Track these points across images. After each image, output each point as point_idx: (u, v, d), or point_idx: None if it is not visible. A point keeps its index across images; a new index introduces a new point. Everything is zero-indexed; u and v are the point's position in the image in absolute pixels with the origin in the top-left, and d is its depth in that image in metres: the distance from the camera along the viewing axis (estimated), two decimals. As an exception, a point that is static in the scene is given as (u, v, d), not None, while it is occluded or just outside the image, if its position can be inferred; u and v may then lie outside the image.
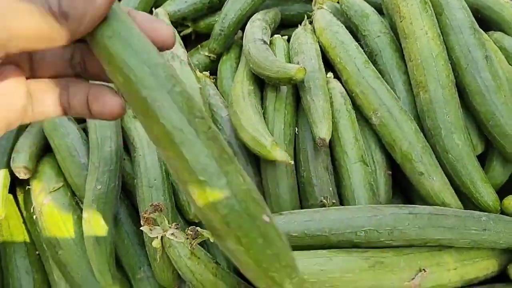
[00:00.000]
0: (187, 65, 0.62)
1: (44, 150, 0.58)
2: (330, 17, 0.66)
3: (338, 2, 0.71)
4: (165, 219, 0.43)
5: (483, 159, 0.56)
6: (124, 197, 0.55)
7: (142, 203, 0.50)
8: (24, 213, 0.57)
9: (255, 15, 0.71)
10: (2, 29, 0.22)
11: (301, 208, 0.52)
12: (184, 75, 0.60)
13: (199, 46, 0.76)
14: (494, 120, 0.52)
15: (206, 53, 0.73)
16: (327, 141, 0.50)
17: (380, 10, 0.68)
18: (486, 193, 0.50)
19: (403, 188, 0.58)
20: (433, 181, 0.50)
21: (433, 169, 0.51)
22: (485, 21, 0.70)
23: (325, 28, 0.64)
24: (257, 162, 0.55)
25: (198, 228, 0.41)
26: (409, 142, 0.51)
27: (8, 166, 0.55)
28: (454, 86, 0.54)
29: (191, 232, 0.41)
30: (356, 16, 0.65)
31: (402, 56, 0.60)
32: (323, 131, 0.50)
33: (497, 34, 0.68)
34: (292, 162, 0.50)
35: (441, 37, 0.57)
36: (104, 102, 0.28)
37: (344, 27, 0.65)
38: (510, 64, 0.64)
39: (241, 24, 0.73)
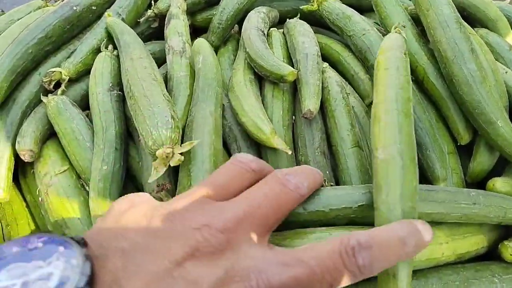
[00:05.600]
0: (186, 58, 0.64)
1: (48, 134, 0.59)
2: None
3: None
4: (171, 198, 0.45)
5: (471, 147, 0.59)
6: (129, 182, 0.56)
7: (147, 185, 0.51)
8: (28, 197, 0.58)
9: (260, 7, 0.74)
10: None
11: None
12: (182, 67, 0.62)
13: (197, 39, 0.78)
14: (479, 108, 0.54)
15: (204, 46, 0.75)
16: (315, 113, 0.54)
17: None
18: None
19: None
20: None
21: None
22: (471, 19, 0.74)
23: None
24: (258, 145, 0.57)
25: None
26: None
27: (12, 150, 0.56)
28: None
29: None
30: (339, 19, 0.68)
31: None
32: (311, 104, 0.54)
33: (482, 31, 0.72)
34: (290, 152, 0.52)
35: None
36: None
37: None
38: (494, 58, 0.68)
39: (239, 18, 0.75)
